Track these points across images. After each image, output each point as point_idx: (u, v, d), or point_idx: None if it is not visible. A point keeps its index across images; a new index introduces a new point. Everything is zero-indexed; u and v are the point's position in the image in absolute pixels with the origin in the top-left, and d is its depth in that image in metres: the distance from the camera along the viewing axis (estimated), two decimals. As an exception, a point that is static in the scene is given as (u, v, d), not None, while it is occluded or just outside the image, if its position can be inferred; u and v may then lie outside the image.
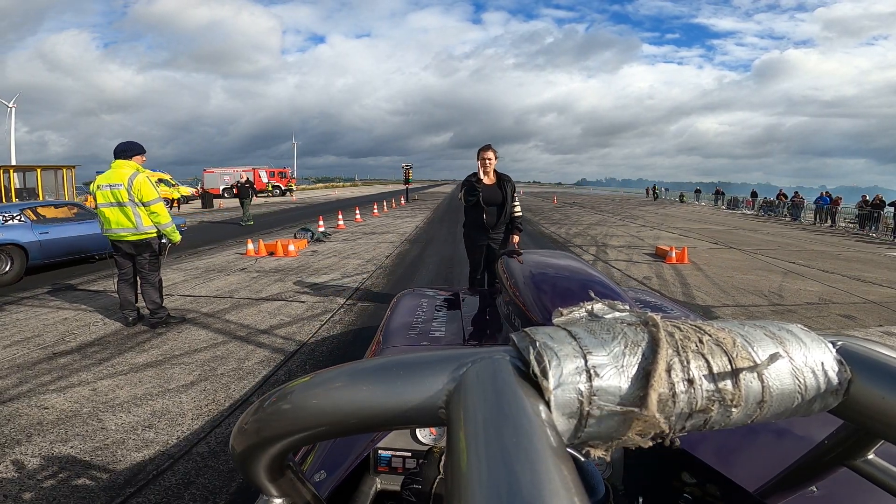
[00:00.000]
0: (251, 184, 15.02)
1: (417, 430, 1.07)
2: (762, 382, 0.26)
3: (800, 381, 0.27)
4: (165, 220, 4.18)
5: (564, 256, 2.00)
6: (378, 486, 1.05)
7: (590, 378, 0.25)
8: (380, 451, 1.06)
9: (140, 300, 4.44)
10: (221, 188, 32.30)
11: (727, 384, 0.26)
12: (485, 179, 4.04)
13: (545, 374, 0.25)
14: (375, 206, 20.43)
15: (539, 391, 0.25)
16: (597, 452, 0.26)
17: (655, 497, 0.93)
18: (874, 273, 8.01)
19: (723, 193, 34.50)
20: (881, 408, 0.28)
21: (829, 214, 20.06)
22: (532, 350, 0.26)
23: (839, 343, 0.30)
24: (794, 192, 24.00)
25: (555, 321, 0.30)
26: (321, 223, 11.70)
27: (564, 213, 20.57)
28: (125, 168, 4.07)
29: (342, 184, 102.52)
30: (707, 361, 0.26)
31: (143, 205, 4.07)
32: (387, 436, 1.06)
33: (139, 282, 4.39)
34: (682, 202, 36.83)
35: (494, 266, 3.40)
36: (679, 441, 0.27)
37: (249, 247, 8.73)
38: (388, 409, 0.28)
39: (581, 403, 0.24)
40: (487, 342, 1.79)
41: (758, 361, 0.27)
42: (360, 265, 7.74)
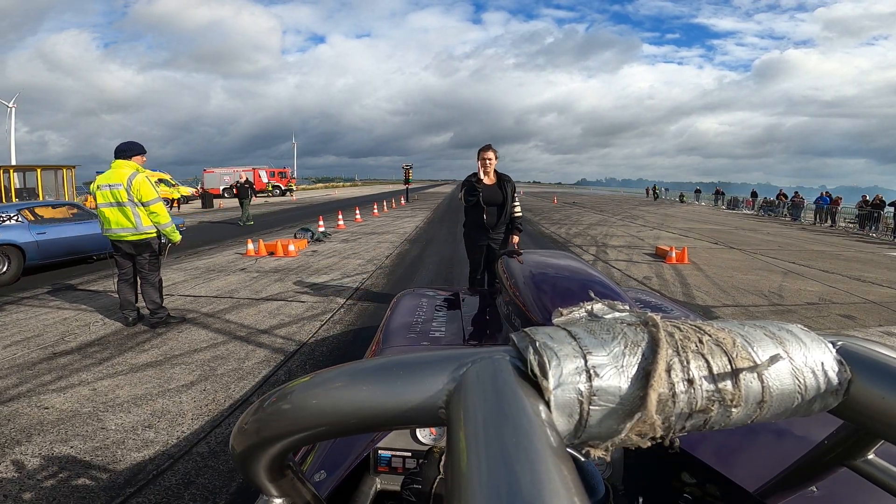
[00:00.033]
0: (250, 184, 15.01)
1: (417, 430, 1.06)
2: (762, 382, 0.26)
3: (800, 382, 0.27)
4: (165, 220, 4.18)
5: (564, 256, 2.00)
6: (378, 486, 1.05)
7: (590, 378, 0.25)
8: (380, 451, 1.06)
9: (140, 300, 4.44)
10: (221, 188, 32.30)
11: (727, 384, 0.26)
12: (485, 179, 4.03)
13: (545, 374, 0.25)
14: (375, 207, 20.43)
15: (539, 391, 0.25)
16: (597, 452, 0.26)
17: (655, 497, 0.93)
18: (874, 273, 8.01)
19: (723, 193, 34.50)
20: (881, 408, 0.28)
21: (829, 214, 20.06)
22: (532, 350, 0.26)
23: (839, 343, 0.30)
24: (794, 192, 23.99)
25: (555, 321, 0.30)
26: (321, 223, 11.70)
27: (564, 213, 20.56)
28: (125, 168, 4.07)
29: (342, 184, 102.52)
30: (707, 361, 0.26)
31: (142, 205, 4.07)
32: (387, 436, 1.06)
33: (139, 282, 4.39)
34: (683, 202, 36.82)
35: (494, 266, 3.40)
36: (679, 441, 0.27)
37: (249, 247, 8.73)
38: (388, 409, 0.28)
39: (581, 403, 0.24)
40: (487, 342, 1.79)
41: (758, 362, 0.27)
42: (360, 265, 7.74)
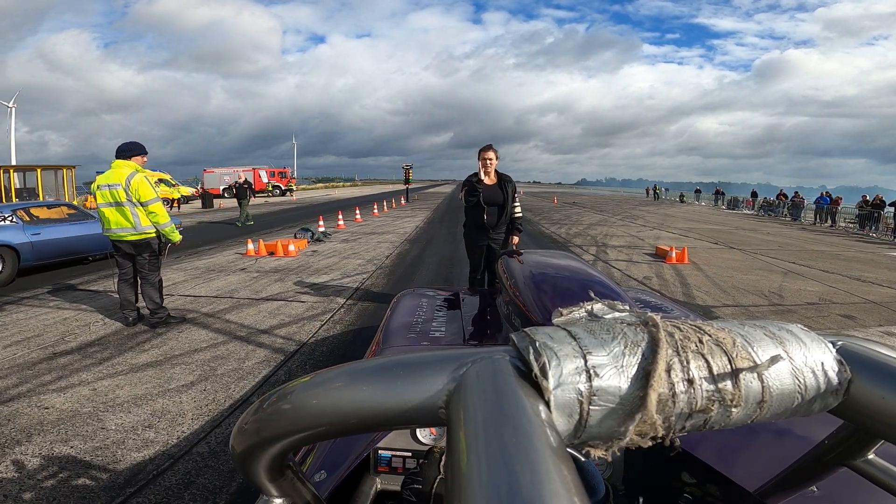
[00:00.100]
0: (249, 184, 15.01)
1: (417, 430, 1.06)
2: (762, 382, 0.26)
3: (800, 382, 0.27)
4: (164, 221, 4.18)
5: (564, 256, 2.00)
6: (378, 486, 1.05)
7: (590, 378, 0.25)
8: (380, 451, 1.06)
9: (140, 300, 4.44)
10: (221, 188, 32.29)
11: (727, 384, 0.26)
12: (485, 180, 4.03)
13: (545, 374, 0.25)
14: (375, 206, 20.43)
15: (539, 391, 0.25)
16: (597, 452, 0.26)
17: (655, 497, 0.93)
18: (874, 273, 8.01)
19: (723, 193, 34.50)
20: (881, 408, 0.28)
21: (830, 214, 20.06)
22: (532, 350, 0.26)
23: (839, 343, 0.30)
24: (795, 192, 23.99)
25: (555, 321, 0.30)
26: (321, 223, 11.70)
27: (564, 213, 20.56)
28: (124, 168, 4.07)
29: (342, 184, 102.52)
30: (707, 361, 0.26)
31: (141, 205, 4.07)
32: (387, 436, 1.06)
33: (139, 282, 4.39)
34: (683, 202, 36.84)
35: (494, 266, 3.40)
36: (679, 441, 0.27)
37: (249, 247, 8.73)
38: (388, 409, 0.27)
39: (581, 403, 0.24)
40: (487, 342, 1.79)
41: (758, 362, 0.27)
42: (360, 265, 7.74)
